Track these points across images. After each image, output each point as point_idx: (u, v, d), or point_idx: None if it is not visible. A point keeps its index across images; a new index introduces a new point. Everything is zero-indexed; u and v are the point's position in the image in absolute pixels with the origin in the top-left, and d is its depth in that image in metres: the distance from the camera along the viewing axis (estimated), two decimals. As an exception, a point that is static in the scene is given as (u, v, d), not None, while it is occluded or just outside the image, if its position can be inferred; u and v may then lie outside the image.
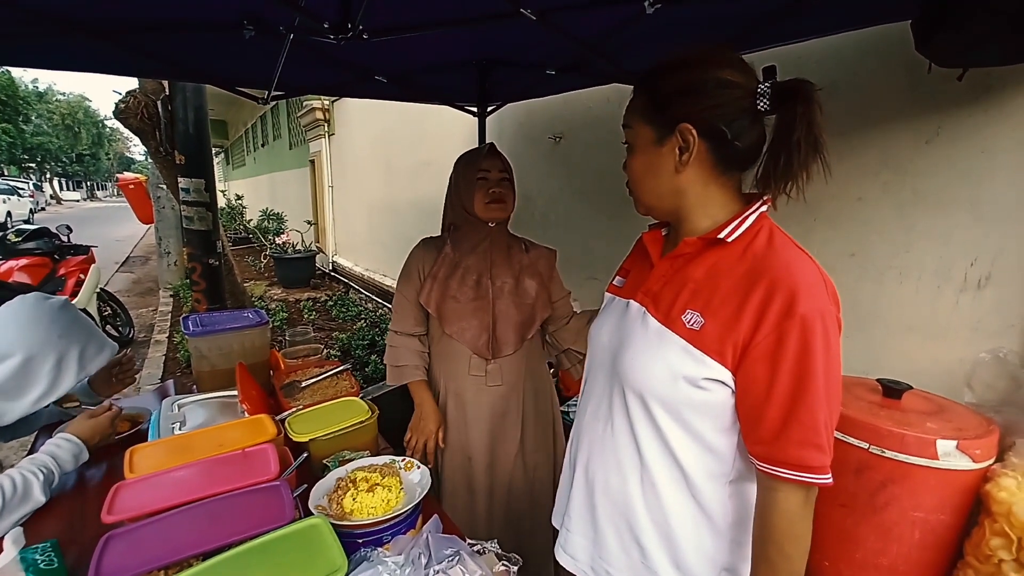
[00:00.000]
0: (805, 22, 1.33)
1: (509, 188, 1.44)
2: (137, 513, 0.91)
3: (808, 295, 0.68)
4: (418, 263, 1.52)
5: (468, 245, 1.49)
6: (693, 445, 0.79)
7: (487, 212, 1.42)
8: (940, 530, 1.03)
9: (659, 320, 0.80)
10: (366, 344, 4.50)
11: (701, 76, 0.74)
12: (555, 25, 1.31)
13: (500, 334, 1.46)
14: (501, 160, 1.45)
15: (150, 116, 3.24)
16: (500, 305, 1.47)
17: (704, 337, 0.74)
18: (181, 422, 1.35)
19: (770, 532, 0.74)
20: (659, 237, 0.91)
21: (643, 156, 0.81)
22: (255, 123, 12.67)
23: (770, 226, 0.77)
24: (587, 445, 0.94)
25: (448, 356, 1.51)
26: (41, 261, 4.33)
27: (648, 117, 0.79)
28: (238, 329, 1.67)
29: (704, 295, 0.76)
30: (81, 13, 1.31)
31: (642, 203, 0.85)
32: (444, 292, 1.47)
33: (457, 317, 1.46)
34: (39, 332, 1.21)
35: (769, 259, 0.73)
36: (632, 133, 0.82)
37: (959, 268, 1.37)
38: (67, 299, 1.36)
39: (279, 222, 8.83)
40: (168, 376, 4.11)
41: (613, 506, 0.89)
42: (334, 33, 1.16)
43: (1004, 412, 1.11)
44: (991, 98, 1.28)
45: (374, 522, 0.95)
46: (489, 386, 1.48)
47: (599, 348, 0.93)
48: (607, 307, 0.97)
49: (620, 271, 1.00)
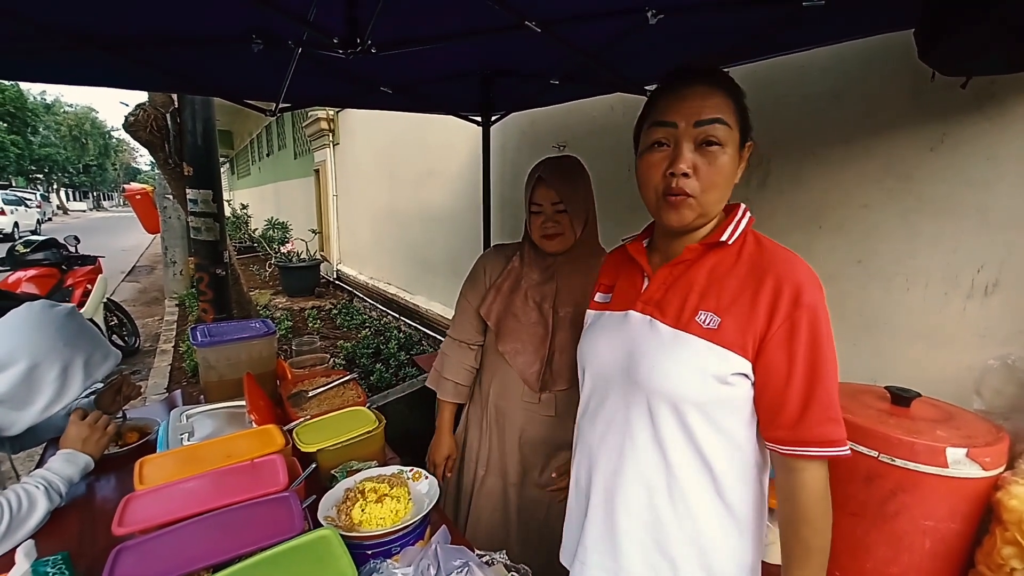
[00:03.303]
0: (807, 32, 1.34)
1: (567, 218, 1.29)
2: (148, 525, 0.91)
3: (810, 286, 0.75)
4: (486, 269, 1.45)
5: (536, 264, 1.39)
6: (722, 443, 0.81)
7: (542, 244, 1.33)
8: (951, 539, 1.03)
9: (671, 325, 0.81)
10: (371, 353, 4.50)
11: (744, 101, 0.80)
12: (559, 36, 1.32)
13: (556, 367, 1.35)
14: (556, 189, 1.27)
15: (159, 128, 3.28)
16: (561, 336, 1.34)
17: (723, 334, 0.77)
18: (190, 433, 1.35)
19: (802, 512, 0.77)
20: (643, 248, 0.92)
21: (732, 158, 0.77)
22: (260, 133, 12.78)
23: (752, 229, 0.84)
24: (603, 466, 0.91)
25: (501, 372, 1.42)
26: (49, 272, 4.36)
27: (739, 122, 0.78)
28: (246, 339, 1.68)
29: (714, 296, 0.79)
30: (91, 28, 1.34)
31: (708, 207, 0.78)
32: (507, 307, 1.39)
33: (513, 337, 1.37)
34: (45, 339, 1.20)
35: (768, 258, 0.78)
36: (729, 133, 0.76)
37: (966, 275, 1.36)
38: (74, 307, 1.35)
39: (284, 231, 8.87)
40: (174, 386, 4.12)
41: (638, 526, 0.86)
42: (343, 48, 1.18)
43: (1013, 419, 1.11)
44: (995, 106, 1.28)
45: (383, 533, 0.95)
46: (543, 415, 1.38)
47: (603, 364, 0.91)
48: (596, 323, 0.96)
49: (600, 288, 1.00)
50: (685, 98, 0.76)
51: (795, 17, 1.21)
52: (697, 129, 0.75)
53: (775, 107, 1.70)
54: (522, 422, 1.40)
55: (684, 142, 0.76)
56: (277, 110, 1.95)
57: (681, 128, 0.76)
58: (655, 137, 0.79)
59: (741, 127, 0.78)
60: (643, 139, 0.82)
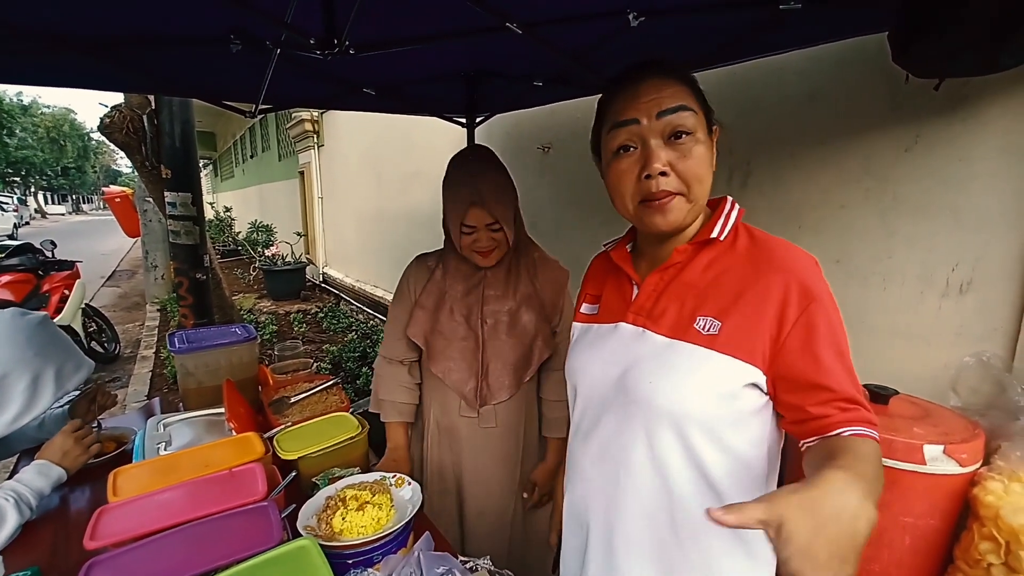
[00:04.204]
0: (786, 34, 1.35)
1: (502, 233, 1.22)
2: (121, 538, 0.89)
3: (814, 275, 0.69)
4: (410, 284, 1.38)
5: (460, 274, 1.33)
6: (728, 462, 0.73)
7: (477, 260, 1.25)
8: (930, 535, 1.04)
9: (665, 335, 0.75)
10: (357, 356, 4.46)
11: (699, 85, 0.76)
12: (541, 38, 1.32)
13: (492, 380, 1.30)
14: (488, 208, 1.17)
15: (135, 130, 3.21)
16: (493, 346, 1.30)
17: (726, 340, 0.69)
18: (167, 442, 1.32)
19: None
20: (627, 254, 0.86)
21: (706, 145, 0.71)
22: (244, 135, 12.62)
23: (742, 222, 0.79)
24: (599, 496, 0.84)
25: (440, 391, 1.36)
26: (24, 277, 4.26)
27: (699, 107, 0.72)
28: (226, 345, 1.65)
29: (711, 298, 0.72)
30: (66, 28, 1.31)
31: (700, 203, 0.73)
32: (432, 326, 1.32)
33: (443, 356, 1.31)
34: (14, 349, 1.17)
35: (766, 252, 0.72)
36: (696, 119, 0.70)
37: (941, 273, 1.39)
38: (46, 315, 1.32)
39: (268, 234, 8.77)
40: (155, 393, 4.04)
41: (643, 562, 0.79)
42: (320, 49, 1.16)
43: (989, 416, 1.13)
44: (968, 107, 1.31)
45: (364, 542, 0.94)
46: (483, 427, 1.33)
47: (594, 382, 0.83)
48: (584, 337, 0.89)
49: (585, 298, 0.94)
50: (640, 92, 0.70)
51: (772, 20, 1.23)
52: (662, 121, 0.69)
53: (754, 109, 1.71)
54: (464, 436, 1.35)
55: (651, 139, 0.70)
56: (257, 111, 1.92)
57: (645, 124, 0.70)
58: (619, 141, 0.72)
59: (705, 111, 0.73)
60: (605, 146, 0.76)
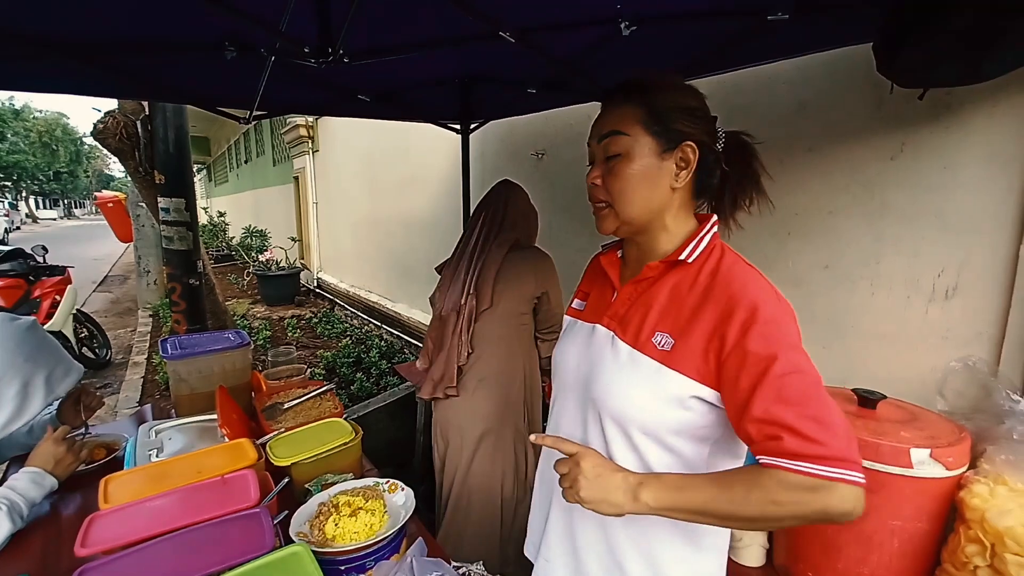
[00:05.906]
0: (774, 44, 1.37)
1: None
2: (112, 545, 0.88)
3: (766, 303, 0.70)
4: None
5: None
6: (674, 462, 0.79)
7: None
8: (918, 538, 1.05)
9: (629, 344, 0.81)
10: (351, 362, 4.45)
11: (699, 102, 0.81)
12: (534, 45, 1.34)
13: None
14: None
15: (129, 136, 3.20)
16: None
17: (676, 357, 0.75)
18: (159, 449, 1.32)
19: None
20: (616, 260, 0.93)
21: (642, 165, 0.78)
22: (238, 140, 12.58)
23: (721, 245, 0.82)
24: None
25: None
26: (15, 283, 4.23)
27: (650, 128, 0.78)
28: (219, 351, 1.64)
29: (671, 317, 0.78)
30: (58, 33, 1.30)
31: (625, 215, 0.81)
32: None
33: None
34: (4, 355, 1.17)
35: (723, 279, 0.75)
36: (629, 141, 0.78)
37: (927, 278, 1.41)
38: (35, 320, 1.32)
39: (263, 239, 8.74)
40: (147, 399, 4.01)
41: (593, 530, 0.87)
42: (315, 57, 1.17)
43: (975, 419, 1.14)
44: (951, 116, 1.33)
45: (357, 548, 0.94)
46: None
47: (567, 371, 0.92)
48: (570, 330, 0.97)
49: (578, 294, 1.01)
50: (601, 115, 0.84)
51: (761, 30, 1.25)
52: (602, 144, 0.82)
53: (744, 118, 1.73)
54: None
55: (597, 156, 0.83)
56: (251, 118, 1.92)
57: (594, 144, 0.84)
58: (589, 155, 0.86)
59: (656, 131, 0.78)
60: None
